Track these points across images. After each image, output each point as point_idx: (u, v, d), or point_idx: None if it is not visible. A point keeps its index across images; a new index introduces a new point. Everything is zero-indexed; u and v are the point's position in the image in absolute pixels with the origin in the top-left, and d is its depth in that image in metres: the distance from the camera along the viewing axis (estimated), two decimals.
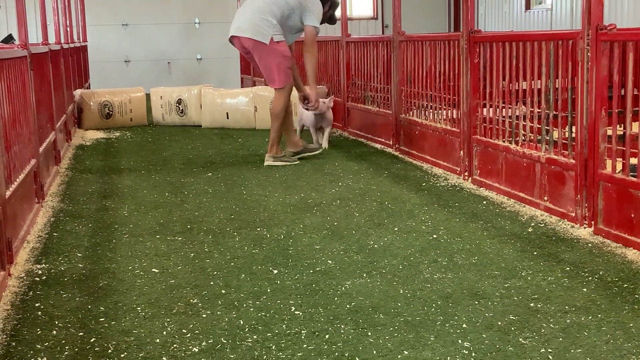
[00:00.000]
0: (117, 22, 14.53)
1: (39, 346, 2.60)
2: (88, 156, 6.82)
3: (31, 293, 3.14)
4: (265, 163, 6.05)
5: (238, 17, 6.16)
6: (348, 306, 2.90)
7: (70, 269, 3.46)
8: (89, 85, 12.89)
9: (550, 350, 2.48)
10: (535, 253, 3.54)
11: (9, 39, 8.78)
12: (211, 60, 14.14)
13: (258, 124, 8.38)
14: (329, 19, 6.37)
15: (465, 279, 3.19)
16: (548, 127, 4.30)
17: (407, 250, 3.62)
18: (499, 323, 2.71)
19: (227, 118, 8.52)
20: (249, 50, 6.07)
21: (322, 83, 8.85)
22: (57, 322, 2.80)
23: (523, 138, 4.61)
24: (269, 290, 3.10)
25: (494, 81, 4.92)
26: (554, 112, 4.27)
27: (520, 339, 2.57)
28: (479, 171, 5.08)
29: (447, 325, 2.70)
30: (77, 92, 8.84)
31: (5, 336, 2.69)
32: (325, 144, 6.81)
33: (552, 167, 4.22)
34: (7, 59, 3.99)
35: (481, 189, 4.96)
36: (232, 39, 6.11)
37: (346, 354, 2.48)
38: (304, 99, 6.47)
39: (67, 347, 2.58)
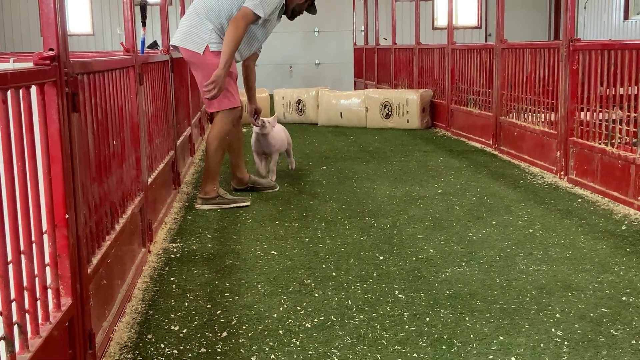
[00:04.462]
0: None
1: (173, 315, 2.68)
2: None
3: (167, 268, 3.24)
4: (195, 206, 4.41)
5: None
6: (447, 292, 2.85)
7: (200, 248, 3.56)
8: None
9: None
10: (628, 250, 3.38)
11: (154, 45, 9.09)
12: (328, 65, 14.19)
13: (368, 123, 8.36)
14: (308, 8, 4.57)
15: (559, 271, 3.08)
16: None
17: (504, 243, 3.52)
18: (591, 314, 2.59)
19: (341, 117, 8.55)
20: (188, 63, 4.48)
21: (427, 87, 8.75)
22: (188, 295, 2.89)
23: (619, 141, 4.40)
24: (375, 275, 3.09)
25: (591, 86, 4.73)
26: None
27: (612, 331, 2.45)
28: (574, 171, 4.89)
29: (541, 314, 2.61)
30: None
31: (144, 305, 2.79)
32: (272, 176, 5.08)
33: None
34: (152, 63, 4.12)
35: (576, 187, 4.77)
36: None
37: (445, 336, 2.44)
38: (254, 113, 4.96)
39: (196, 317, 2.65)
